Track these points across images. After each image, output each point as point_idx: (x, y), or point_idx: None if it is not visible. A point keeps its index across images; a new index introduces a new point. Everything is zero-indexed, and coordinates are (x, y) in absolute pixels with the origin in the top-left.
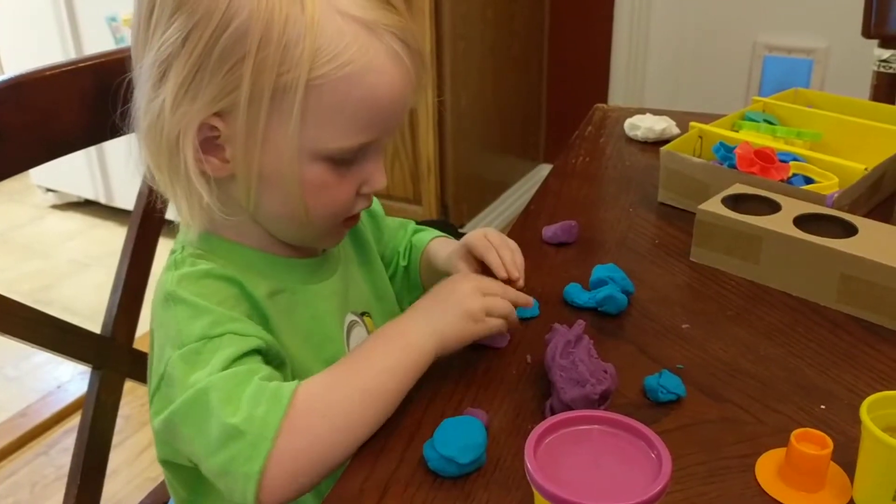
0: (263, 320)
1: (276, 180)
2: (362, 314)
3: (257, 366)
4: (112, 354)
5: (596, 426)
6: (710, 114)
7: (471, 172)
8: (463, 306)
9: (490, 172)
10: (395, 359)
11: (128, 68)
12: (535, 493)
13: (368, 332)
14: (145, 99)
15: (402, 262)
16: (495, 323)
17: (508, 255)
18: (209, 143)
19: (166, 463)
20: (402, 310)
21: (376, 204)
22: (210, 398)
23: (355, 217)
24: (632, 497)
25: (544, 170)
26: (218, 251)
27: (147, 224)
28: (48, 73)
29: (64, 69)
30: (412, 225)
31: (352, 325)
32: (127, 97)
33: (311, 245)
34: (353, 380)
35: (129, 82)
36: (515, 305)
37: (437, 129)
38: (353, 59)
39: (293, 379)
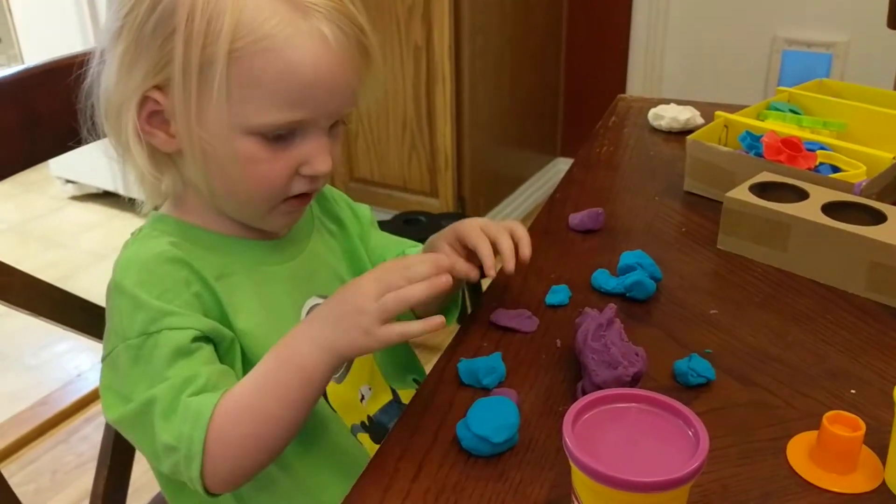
0: (215, 300)
1: (212, 154)
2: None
3: (196, 365)
4: None
5: (633, 404)
6: (733, 104)
7: (488, 166)
8: (356, 319)
9: (507, 166)
10: (290, 386)
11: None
12: (573, 468)
13: None
14: (103, 79)
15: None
16: (389, 334)
17: (507, 244)
18: (156, 117)
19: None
20: None
21: (365, 209)
22: (153, 412)
23: (300, 199)
24: (670, 473)
25: (561, 164)
26: (172, 231)
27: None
28: (79, 58)
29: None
30: (412, 247)
31: (314, 308)
32: None
33: (260, 226)
34: (258, 404)
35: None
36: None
37: (455, 122)
38: (271, 33)
39: (247, 356)
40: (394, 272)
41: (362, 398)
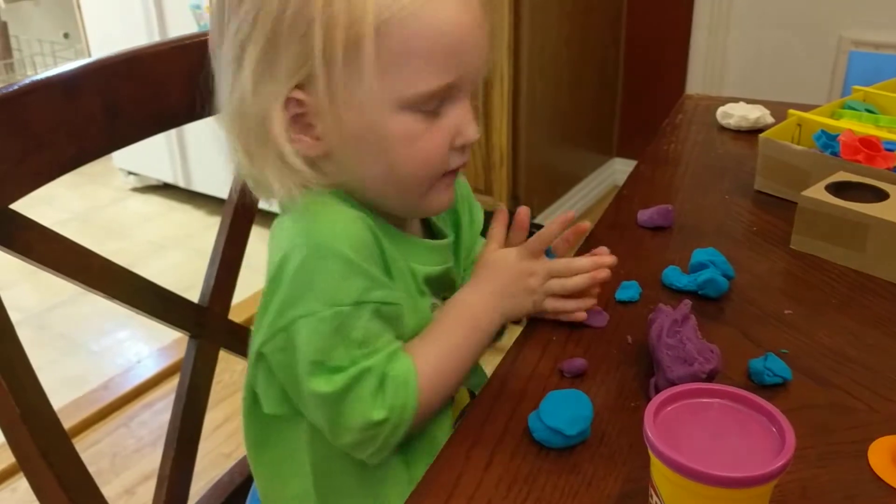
0: (387, 273)
1: (366, 141)
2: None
3: (393, 334)
4: (208, 324)
5: (716, 399)
6: (803, 104)
7: (543, 164)
8: (529, 298)
9: (562, 165)
10: (472, 350)
11: (208, 58)
12: (653, 461)
13: None
14: (227, 86)
15: None
16: (547, 308)
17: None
18: (298, 121)
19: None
20: None
21: (479, 215)
22: (363, 385)
23: (453, 173)
24: (756, 469)
25: (617, 164)
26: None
27: (244, 200)
28: (160, 48)
29: (174, 45)
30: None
31: (433, 307)
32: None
33: (417, 211)
34: (450, 366)
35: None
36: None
37: (511, 119)
38: None
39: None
40: (561, 262)
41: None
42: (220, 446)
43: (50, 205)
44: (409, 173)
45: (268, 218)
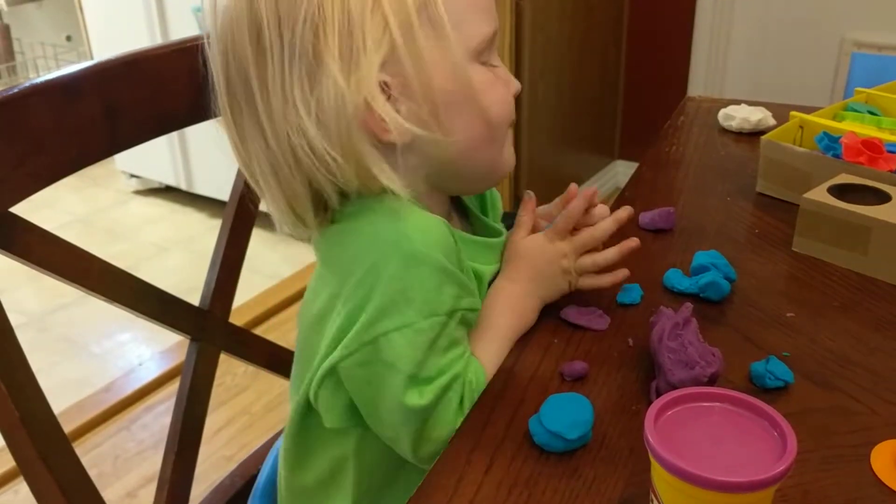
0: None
1: (457, 99)
2: None
3: (466, 350)
4: (209, 327)
5: (717, 403)
6: (806, 105)
7: (545, 166)
8: (564, 279)
9: (564, 167)
10: (518, 334)
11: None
12: (654, 465)
13: None
14: (299, 94)
15: None
16: (583, 285)
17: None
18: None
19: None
20: None
21: (498, 197)
22: (450, 396)
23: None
24: (757, 473)
25: (619, 166)
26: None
27: (244, 202)
28: (160, 51)
29: (174, 47)
30: None
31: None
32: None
33: (496, 174)
34: (501, 358)
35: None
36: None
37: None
38: None
39: None
40: (583, 233)
41: None
42: (221, 449)
43: (52, 207)
44: (500, 119)
45: (268, 220)
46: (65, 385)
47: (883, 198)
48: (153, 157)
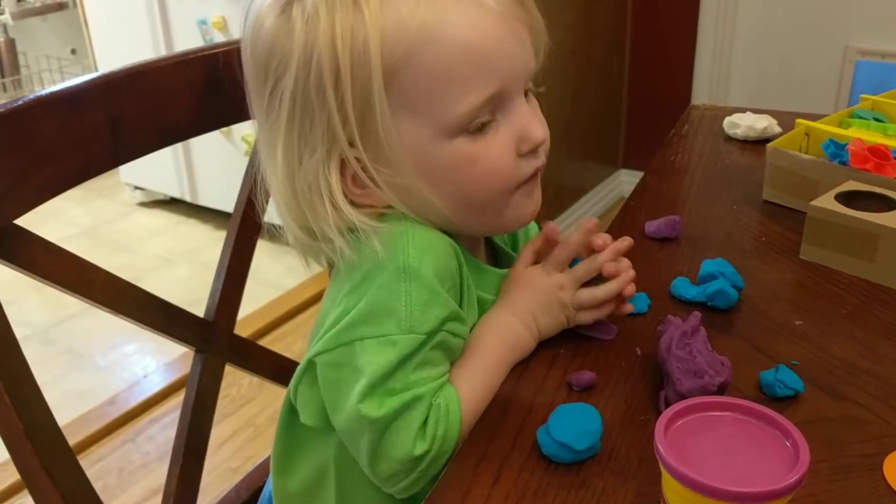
0: (458, 299)
1: (429, 177)
2: None
3: (443, 374)
4: (214, 338)
5: (728, 413)
6: (811, 113)
7: (548, 176)
8: (563, 312)
9: (567, 177)
10: (510, 366)
11: (236, 68)
12: (664, 476)
13: None
14: (281, 160)
15: None
16: (580, 320)
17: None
18: (357, 181)
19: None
20: None
21: (534, 227)
22: (412, 415)
23: (532, 179)
24: (770, 483)
25: (623, 175)
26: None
27: (249, 214)
28: (163, 63)
29: (177, 60)
30: None
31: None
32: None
33: (499, 230)
34: (489, 390)
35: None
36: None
37: None
38: (424, 20)
39: None
40: (581, 265)
41: None
42: (227, 461)
43: (57, 219)
44: (479, 195)
45: (273, 232)
46: (69, 397)
47: (891, 205)
48: (158, 169)
